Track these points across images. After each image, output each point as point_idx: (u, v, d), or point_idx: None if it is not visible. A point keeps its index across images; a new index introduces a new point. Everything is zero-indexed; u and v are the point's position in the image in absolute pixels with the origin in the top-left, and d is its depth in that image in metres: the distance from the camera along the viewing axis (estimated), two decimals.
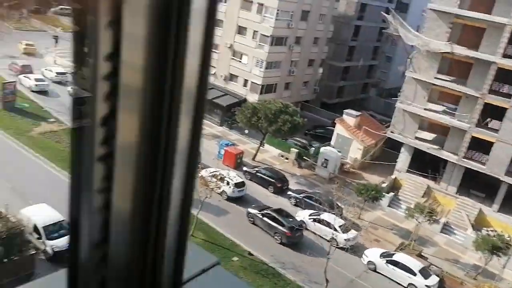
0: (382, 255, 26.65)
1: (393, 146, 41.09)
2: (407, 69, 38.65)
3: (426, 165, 36.76)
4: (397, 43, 48.61)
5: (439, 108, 38.11)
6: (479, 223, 34.61)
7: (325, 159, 38.24)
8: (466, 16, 34.25)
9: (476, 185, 35.75)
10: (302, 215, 29.53)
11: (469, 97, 34.73)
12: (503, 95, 33.95)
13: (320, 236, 27.22)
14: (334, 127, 43.03)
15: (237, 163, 35.62)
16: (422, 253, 29.28)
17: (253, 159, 38.03)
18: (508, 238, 29.76)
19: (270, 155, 40.51)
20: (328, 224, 26.09)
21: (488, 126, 35.81)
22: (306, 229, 28.52)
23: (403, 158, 38.22)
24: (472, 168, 34.88)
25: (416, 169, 37.39)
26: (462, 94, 35.46)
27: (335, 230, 25.36)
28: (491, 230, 33.27)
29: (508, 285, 28.95)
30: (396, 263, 25.85)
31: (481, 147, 34.98)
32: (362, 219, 31.82)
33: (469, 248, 31.05)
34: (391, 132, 38.37)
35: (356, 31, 56.86)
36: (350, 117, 42.35)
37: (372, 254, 26.98)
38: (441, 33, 35.02)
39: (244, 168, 34.78)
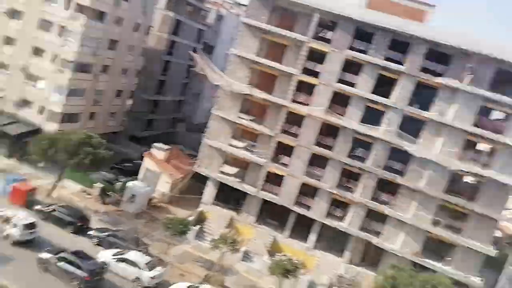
0: None
1: (200, 180, 41.60)
2: (213, 106, 39.35)
3: (230, 197, 39.25)
4: (204, 81, 45.53)
5: (242, 144, 39.08)
6: (273, 249, 37.33)
7: (132, 194, 37.15)
8: (262, 63, 37.29)
9: (272, 214, 39.50)
10: (105, 255, 27.24)
11: (265, 135, 38.03)
12: (291, 134, 37.81)
13: (123, 277, 25.83)
14: (142, 160, 41.68)
15: (28, 201, 32.06)
16: (225, 283, 30.15)
17: (49, 195, 34.81)
18: (297, 261, 29.88)
19: (70, 191, 37.66)
20: (133, 263, 24.89)
21: (280, 161, 38.31)
22: (109, 270, 26.19)
23: (209, 191, 39.85)
24: (268, 199, 38.41)
25: (221, 202, 39.75)
26: (260, 133, 38.15)
27: (141, 269, 24.41)
28: (283, 255, 32.61)
29: None
30: None
31: (275, 180, 38.42)
32: (169, 254, 31.34)
33: (265, 273, 32.92)
34: (198, 166, 39.67)
35: (166, 66, 56.41)
36: (159, 150, 42.77)
37: None
38: (242, 76, 33.65)
39: (37, 207, 31.51)
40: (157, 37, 54.55)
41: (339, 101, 37.06)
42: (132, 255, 26.37)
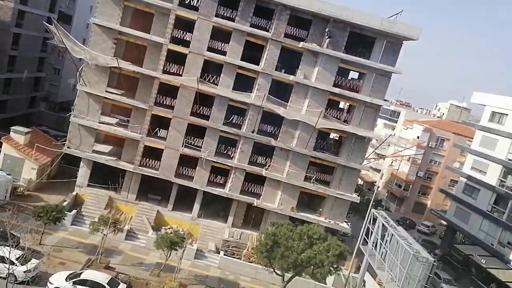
0: (69, 277, 25.08)
1: (72, 162, 40.38)
2: (78, 82, 37.09)
3: (107, 177, 37.35)
4: (64, 55, 43.81)
5: (113, 120, 38.75)
6: (158, 224, 37.58)
7: None
8: (128, 33, 35.77)
9: (153, 189, 39.39)
10: None
11: (139, 109, 36.94)
12: (167, 106, 37.11)
13: None
14: (0, 146, 38.42)
15: None
16: (110, 265, 29.29)
17: None
18: (182, 232, 32.68)
19: None
20: (2, 259, 22.50)
21: (158, 135, 37.70)
22: None
23: (83, 173, 38.21)
24: (148, 174, 37.90)
25: (97, 182, 38.06)
26: (133, 107, 37.13)
27: (12, 264, 22.41)
28: (169, 228, 35.47)
29: (185, 273, 31.55)
30: (84, 282, 24.88)
31: (153, 154, 38.00)
32: (43, 244, 29.60)
33: (151, 249, 32.85)
34: (68, 147, 37.53)
35: (16, 40, 50.13)
36: (19, 134, 38.67)
37: (58, 279, 25.05)
38: (106, 47, 34.65)
39: None
40: (0, 6, 47.54)
41: (212, 69, 37.11)
42: None
